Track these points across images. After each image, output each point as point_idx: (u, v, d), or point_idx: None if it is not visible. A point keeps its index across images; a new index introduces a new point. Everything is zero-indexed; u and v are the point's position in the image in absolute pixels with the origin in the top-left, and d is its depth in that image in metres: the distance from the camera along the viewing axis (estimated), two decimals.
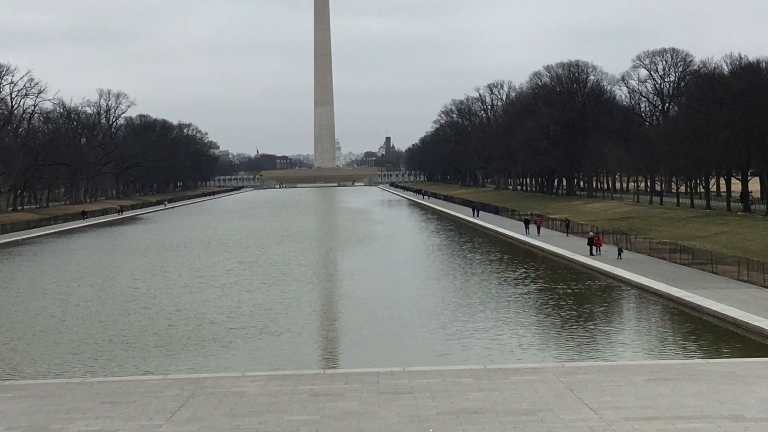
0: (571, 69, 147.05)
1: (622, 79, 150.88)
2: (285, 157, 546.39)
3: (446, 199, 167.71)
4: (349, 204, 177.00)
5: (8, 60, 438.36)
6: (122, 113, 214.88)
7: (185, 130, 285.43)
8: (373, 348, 34.02)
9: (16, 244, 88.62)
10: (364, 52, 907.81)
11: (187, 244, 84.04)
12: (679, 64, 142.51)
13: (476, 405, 21.03)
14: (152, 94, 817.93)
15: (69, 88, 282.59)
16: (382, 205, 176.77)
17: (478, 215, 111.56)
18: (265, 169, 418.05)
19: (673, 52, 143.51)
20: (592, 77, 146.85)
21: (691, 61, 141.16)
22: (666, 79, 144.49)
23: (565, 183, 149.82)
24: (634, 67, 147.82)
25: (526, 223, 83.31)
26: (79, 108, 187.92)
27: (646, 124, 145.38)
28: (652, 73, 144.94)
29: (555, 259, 63.04)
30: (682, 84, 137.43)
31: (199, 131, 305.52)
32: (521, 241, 76.53)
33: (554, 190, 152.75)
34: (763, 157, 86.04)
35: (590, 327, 37.18)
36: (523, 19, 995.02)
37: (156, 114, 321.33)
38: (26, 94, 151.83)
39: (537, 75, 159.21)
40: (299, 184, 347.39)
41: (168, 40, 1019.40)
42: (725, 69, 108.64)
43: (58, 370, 30.78)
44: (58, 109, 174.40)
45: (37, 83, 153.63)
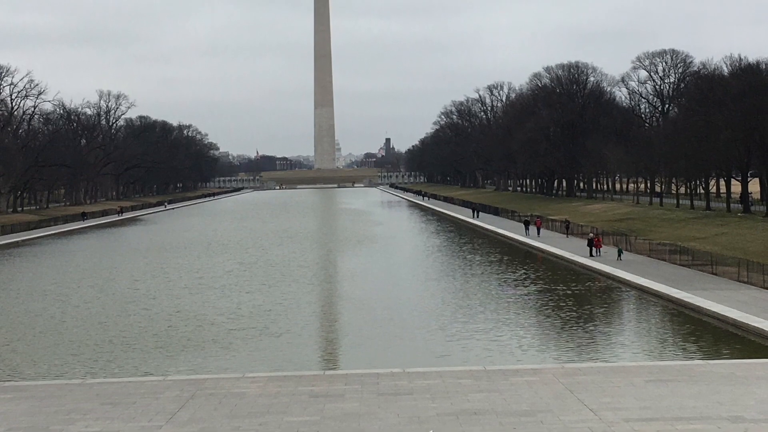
0: (571, 70, 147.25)
1: (622, 80, 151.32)
2: (285, 159, 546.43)
3: (446, 200, 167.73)
4: (349, 205, 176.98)
5: (8, 61, 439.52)
6: (122, 114, 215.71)
7: (185, 132, 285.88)
8: (373, 349, 34.03)
9: (16, 245, 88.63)
10: (364, 54, 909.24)
11: (187, 245, 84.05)
12: (679, 65, 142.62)
13: (476, 406, 21.02)
14: (152, 95, 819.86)
15: (69, 90, 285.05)
16: (381, 206, 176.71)
17: (477, 216, 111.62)
18: (265, 171, 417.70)
19: (673, 53, 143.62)
20: (592, 78, 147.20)
21: (691, 62, 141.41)
22: (666, 81, 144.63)
23: (564, 184, 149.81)
24: (634, 68, 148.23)
25: (526, 225, 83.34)
26: (79, 109, 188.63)
27: (646, 125, 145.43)
28: (652, 74, 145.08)
29: (555, 261, 63.04)
30: (682, 85, 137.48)
31: (199, 132, 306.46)
32: (521, 243, 76.54)
33: (554, 192, 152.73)
34: (763, 159, 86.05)
35: (590, 328, 37.20)
36: (523, 20, 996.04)
37: (156, 115, 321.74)
38: (26, 96, 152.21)
39: (537, 76, 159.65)
40: (299, 186, 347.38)
41: (168, 42, 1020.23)
42: (725, 70, 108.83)
43: (58, 371, 30.79)
44: (58, 110, 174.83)
45: (37, 84, 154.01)
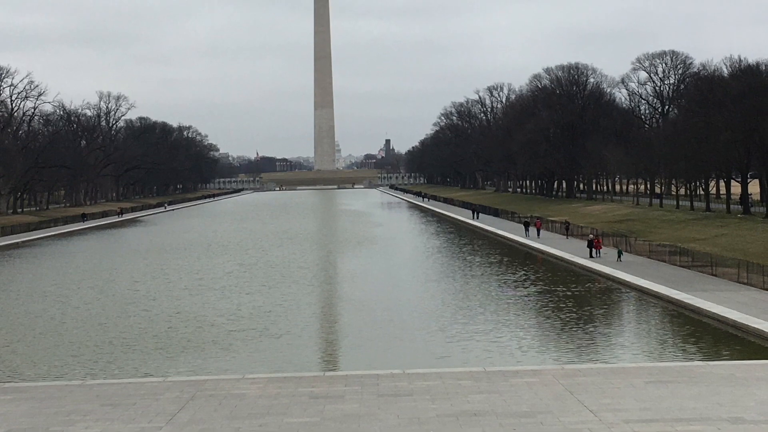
0: (571, 71, 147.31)
1: (622, 81, 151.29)
2: (285, 160, 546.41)
3: (446, 201, 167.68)
4: (349, 206, 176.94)
5: (8, 62, 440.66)
6: (122, 115, 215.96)
7: (185, 133, 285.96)
8: (373, 350, 34.02)
9: (16, 246, 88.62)
10: (364, 55, 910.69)
11: (187, 246, 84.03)
12: (679, 66, 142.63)
13: (476, 407, 21.03)
14: (152, 96, 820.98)
15: (69, 91, 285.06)
16: (381, 207, 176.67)
17: (477, 217, 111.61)
18: (265, 172, 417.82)
19: (673, 54, 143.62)
20: (592, 80, 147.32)
21: (691, 63, 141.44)
22: (666, 82, 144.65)
23: (564, 185, 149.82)
24: (634, 69, 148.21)
25: (526, 226, 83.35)
26: (79, 110, 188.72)
27: (646, 126, 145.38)
28: (652, 75, 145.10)
29: (555, 262, 63.03)
30: (682, 86, 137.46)
31: (199, 133, 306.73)
32: (521, 244, 76.54)
33: (554, 193, 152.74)
34: (763, 160, 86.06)
35: (590, 329, 37.19)
36: (523, 21, 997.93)
37: (156, 116, 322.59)
38: (26, 97, 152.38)
39: (537, 77, 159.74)
40: (299, 187, 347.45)
41: (168, 43, 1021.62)
42: (725, 71, 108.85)
43: (58, 373, 30.78)
44: (58, 111, 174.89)
45: (37, 86, 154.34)
